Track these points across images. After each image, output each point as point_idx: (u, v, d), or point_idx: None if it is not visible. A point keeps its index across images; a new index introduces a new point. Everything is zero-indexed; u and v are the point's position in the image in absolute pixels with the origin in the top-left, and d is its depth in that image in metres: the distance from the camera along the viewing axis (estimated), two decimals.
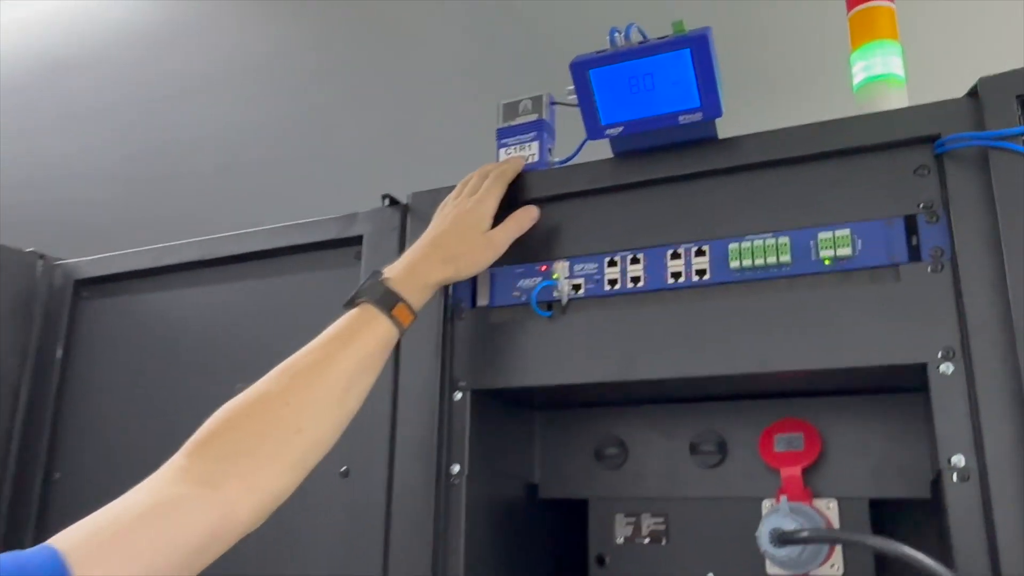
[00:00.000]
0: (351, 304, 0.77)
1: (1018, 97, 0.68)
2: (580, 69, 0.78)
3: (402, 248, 0.93)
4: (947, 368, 0.68)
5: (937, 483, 0.79)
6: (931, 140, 0.73)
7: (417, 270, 0.79)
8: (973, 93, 0.71)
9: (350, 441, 0.86)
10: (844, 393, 0.86)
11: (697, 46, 0.74)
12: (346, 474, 0.89)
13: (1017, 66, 0.72)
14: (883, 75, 0.85)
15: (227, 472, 0.65)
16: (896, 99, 0.84)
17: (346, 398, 0.73)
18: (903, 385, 0.82)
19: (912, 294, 0.71)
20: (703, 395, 0.90)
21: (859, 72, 0.87)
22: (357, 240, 0.96)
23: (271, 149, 2.10)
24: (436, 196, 0.92)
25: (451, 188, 0.91)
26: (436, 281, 0.81)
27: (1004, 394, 0.65)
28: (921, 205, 0.73)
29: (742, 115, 0.81)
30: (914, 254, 0.72)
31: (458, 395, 0.87)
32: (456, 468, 0.85)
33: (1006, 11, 1.63)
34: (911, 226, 0.73)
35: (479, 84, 1.74)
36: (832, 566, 0.80)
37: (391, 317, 0.76)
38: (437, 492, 0.84)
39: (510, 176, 0.87)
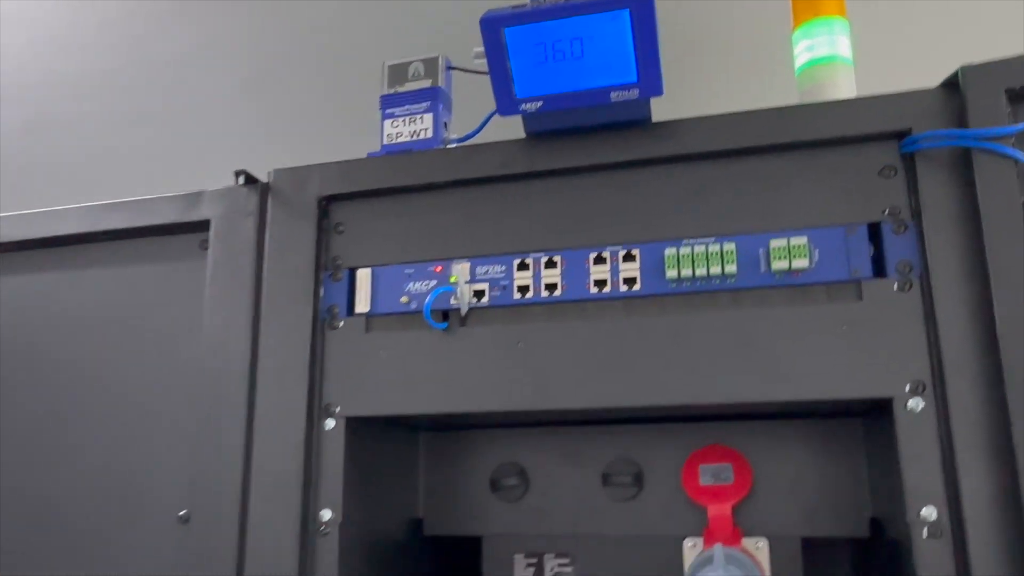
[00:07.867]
0: None
1: (1007, 91, 0.58)
2: (492, 26, 0.63)
3: (260, 239, 0.75)
4: (916, 404, 0.59)
5: (878, 523, 0.71)
6: (898, 136, 0.63)
7: None
8: (950, 84, 0.61)
9: (191, 479, 0.72)
10: (776, 417, 0.76)
11: (639, 6, 0.60)
12: (186, 519, 0.71)
13: (983, 55, 0.63)
14: (829, 56, 0.75)
15: None
16: (844, 84, 0.74)
17: None
18: (841, 410, 0.73)
19: (876, 316, 0.61)
20: (618, 417, 0.78)
21: (802, 53, 0.76)
22: (203, 226, 0.77)
23: (99, 103, 1.78)
24: (303, 175, 0.74)
25: (322, 166, 0.73)
26: None
27: (983, 438, 0.56)
28: (886, 211, 0.62)
29: (676, 93, 0.68)
30: (879, 269, 0.62)
31: (330, 423, 0.70)
32: (327, 514, 0.69)
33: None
34: (875, 235, 0.63)
35: (359, 40, 1.48)
36: None
37: None
38: (303, 542, 0.68)
39: None
